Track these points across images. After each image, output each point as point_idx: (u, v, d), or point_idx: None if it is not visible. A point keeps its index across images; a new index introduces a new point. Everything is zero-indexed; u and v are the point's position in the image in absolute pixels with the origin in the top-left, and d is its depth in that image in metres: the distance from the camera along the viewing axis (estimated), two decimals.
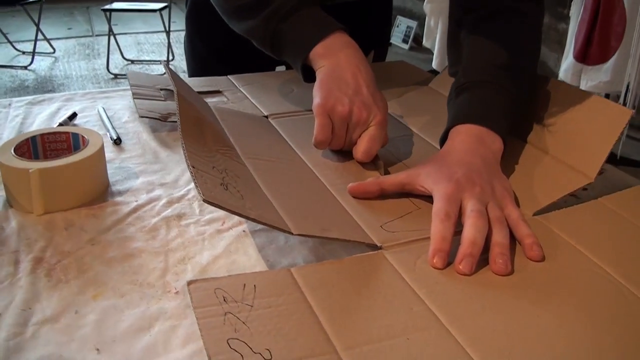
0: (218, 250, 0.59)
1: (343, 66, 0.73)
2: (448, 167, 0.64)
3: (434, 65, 3.16)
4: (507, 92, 0.74)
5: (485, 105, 0.73)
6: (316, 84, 0.74)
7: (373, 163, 0.74)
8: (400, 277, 0.54)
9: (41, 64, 4.28)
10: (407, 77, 1.10)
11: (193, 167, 0.55)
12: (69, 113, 0.91)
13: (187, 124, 0.63)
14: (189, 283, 0.50)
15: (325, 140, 0.71)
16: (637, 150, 2.70)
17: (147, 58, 4.44)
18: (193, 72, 1.26)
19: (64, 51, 4.57)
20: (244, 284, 0.51)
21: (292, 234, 0.54)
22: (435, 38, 3.24)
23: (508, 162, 0.72)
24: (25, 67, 4.21)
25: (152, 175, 0.75)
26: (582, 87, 2.36)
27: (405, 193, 0.67)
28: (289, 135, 0.82)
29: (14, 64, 4.22)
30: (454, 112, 0.75)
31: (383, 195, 0.66)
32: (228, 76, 1.08)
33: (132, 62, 4.36)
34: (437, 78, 1.01)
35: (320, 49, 0.76)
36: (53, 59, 4.46)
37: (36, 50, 4.25)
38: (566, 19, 2.75)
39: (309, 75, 0.78)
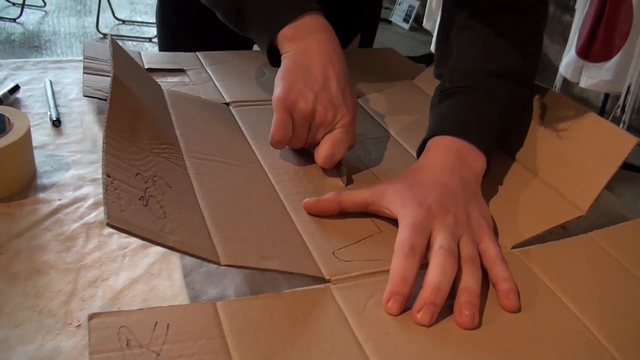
0: (138, 271, 0.51)
1: (312, 54, 0.64)
2: (420, 189, 0.55)
3: (433, 48, 3.04)
4: (496, 103, 0.65)
5: (469, 116, 0.64)
6: (279, 71, 0.64)
7: (336, 169, 0.66)
8: (345, 321, 0.45)
9: (30, 17, 4.13)
10: (393, 68, 1.00)
11: (108, 175, 0.46)
12: (12, 85, 0.81)
13: (116, 118, 0.54)
14: (91, 317, 0.42)
15: (282, 140, 0.62)
16: (637, 155, 2.62)
17: (139, 19, 4.28)
18: (163, 43, 1.16)
19: (55, 5, 4.41)
20: (156, 322, 0.43)
21: (220, 264, 0.46)
22: (436, 20, 3.12)
23: (490, 180, 0.63)
24: (14, 20, 4.07)
25: (85, 168, 0.65)
26: (582, 84, 2.27)
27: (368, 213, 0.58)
28: (248, 129, 0.72)
29: (2, 16, 4.08)
30: (434, 121, 0.66)
31: (342, 213, 0.58)
32: (197, 53, 0.98)
33: (124, 22, 4.20)
34: (423, 74, 0.92)
35: (289, 30, 0.65)
36: (43, 12, 4.30)
37: (26, 3, 4.10)
38: (571, 10, 2.65)
39: (277, 59, 0.68)
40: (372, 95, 0.87)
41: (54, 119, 0.74)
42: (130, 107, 0.58)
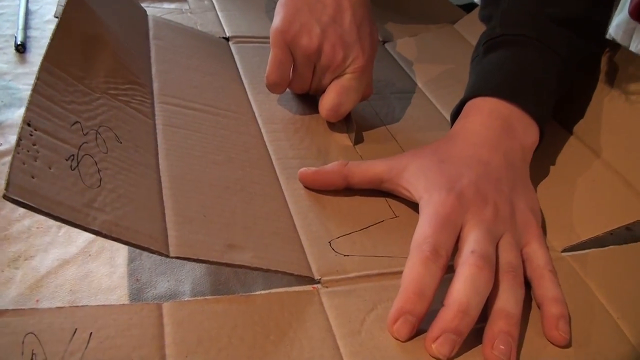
0: (72, 249, 0.39)
1: None
2: (451, 167, 0.42)
3: None
4: (557, 58, 0.51)
5: (523, 73, 0.50)
6: None
7: (343, 123, 0.53)
8: (334, 344, 0.33)
9: None
10: (430, 9, 0.85)
11: (28, 124, 0.33)
12: None
13: (62, 45, 0.41)
14: None
15: (279, 82, 0.51)
16: None
17: None
18: None
19: None
20: (75, 329, 0.31)
21: (168, 256, 0.33)
22: None
23: (539, 159, 0.49)
24: None
25: None
26: (632, 48, 2.05)
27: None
28: (247, 71, 0.59)
29: None
30: (477, 77, 0.52)
31: (349, 189, 0.45)
32: None
33: None
34: (467, 18, 0.77)
35: None
36: None
37: None
38: None
39: None
40: (402, 40, 0.72)
41: (19, 43, 0.62)
42: (86, 32, 0.45)
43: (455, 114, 0.50)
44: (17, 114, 0.52)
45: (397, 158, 0.45)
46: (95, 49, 0.45)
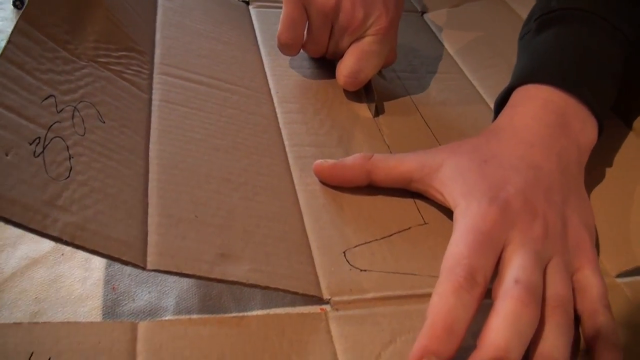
0: (44, 245, 0.33)
1: None
2: (495, 169, 0.35)
3: None
4: (625, 40, 0.43)
5: (584, 57, 0.42)
6: None
7: (363, 92, 0.48)
8: None
9: None
10: None
11: None
12: None
13: (46, 0, 0.35)
14: None
15: (291, 44, 0.46)
16: None
17: None
18: None
19: None
20: (32, 353, 0.26)
21: (144, 268, 0.27)
22: None
23: (592, 161, 0.42)
24: None
25: None
26: None
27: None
28: (266, 39, 0.53)
29: None
30: (528, 60, 0.44)
31: (372, 186, 0.39)
32: None
33: None
34: None
35: None
36: None
37: None
38: None
39: None
40: (442, 12, 0.65)
41: None
42: None
43: (501, 103, 0.43)
44: None
45: (431, 153, 0.38)
46: (87, 8, 0.38)
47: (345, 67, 0.46)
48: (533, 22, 0.47)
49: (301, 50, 0.48)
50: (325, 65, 0.50)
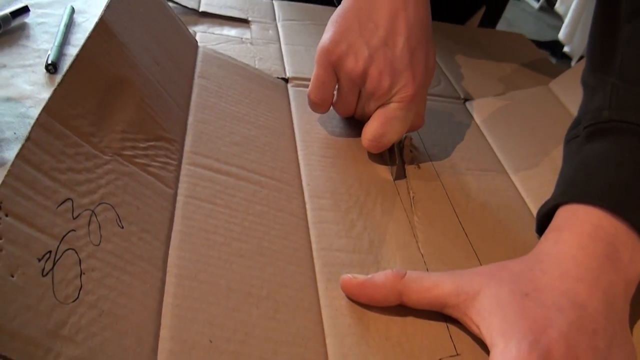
0: None
1: None
2: (537, 306, 0.32)
3: (561, 35, 2.70)
4: None
5: (638, 178, 0.39)
6: (334, 13, 0.47)
7: (386, 154, 0.49)
8: None
9: None
10: (520, 62, 0.75)
11: (0, 204, 0.25)
12: (20, 6, 0.62)
13: (75, 88, 0.33)
14: None
15: (320, 104, 0.48)
16: None
17: None
18: None
19: None
20: None
21: None
22: (571, 5, 2.74)
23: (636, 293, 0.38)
24: None
25: None
26: None
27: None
28: (303, 122, 0.51)
29: None
30: (576, 173, 0.42)
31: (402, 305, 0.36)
32: (273, 0, 0.76)
33: None
34: (566, 75, 0.66)
35: None
36: None
37: None
38: None
39: None
40: (485, 100, 0.62)
41: (50, 62, 0.55)
42: (108, 73, 0.37)
43: (545, 216, 0.41)
44: None
45: (468, 277, 0.35)
46: (116, 96, 0.37)
47: (369, 131, 0.47)
48: (582, 129, 0.45)
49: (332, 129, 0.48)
50: (369, 165, 0.48)
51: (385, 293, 0.35)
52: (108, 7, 0.39)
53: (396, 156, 0.48)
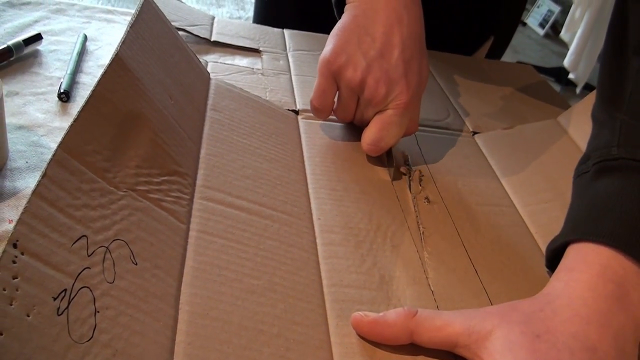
0: None
1: (377, 10, 0.50)
2: (549, 348, 0.32)
3: (566, 63, 2.71)
4: None
5: None
6: (335, 27, 0.52)
7: (384, 157, 0.53)
8: None
9: None
10: (527, 94, 0.76)
11: (14, 245, 0.26)
12: (33, 33, 0.63)
13: (88, 126, 0.34)
14: None
15: (322, 110, 0.53)
16: None
17: None
18: (259, 4, 0.96)
19: None
20: None
21: None
22: (577, 33, 2.75)
23: None
24: None
25: None
26: None
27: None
28: (313, 155, 0.51)
29: None
30: (585, 210, 0.42)
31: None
32: (284, 30, 0.77)
33: None
34: (575, 109, 0.66)
35: None
36: None
37: None
38: None
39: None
40: (493, 133, 0.63)
41: (62, 90, 0.55)
42: (123, 108, 0.37)
43: (554, 254, 0.41)
44: None
45: (480, 316, 0.35)
46: (130, 131, 0.37)
47: (368, 136, 0.51)
48: (591, 165, 0.45)
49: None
50: (379, 194, 0.48)
51: (396, 331, 0.35)
52: (124, 43, 0.39)
53: (393, 158, 0.53)
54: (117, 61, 0.38)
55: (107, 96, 0.36)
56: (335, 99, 0.53)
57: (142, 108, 0.39)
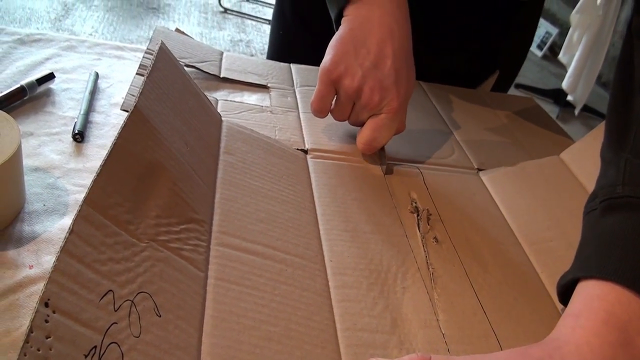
0: None
1: (372, 24, 0.56)
2: None
3: (565, 85, 2.72)
4: None
5: None
6: (333, 38, 0.57)
7: (377, 155, 0.61)
8: None
9: None
10: (532, 129, 0.77)
11: (46, 304, 0.27)
12: (46, 72, 0.64)
13: (112, 179, 0.35)
14: None
15: (321, 111, 0.59)
16: None
17: None
18: (273, 39, 0.97)
19: None
20: None
21: None
22: (574, 55, 2.78)
23: None
24: None
25: None
26: None
27: None
28: (322, 195, 0.52)
29: None
30: (591, 249, 0.43)
31: None
32: (291, 65, 0.78)
33: None
34: (579, 146, 0.67)
35: None
36: None
37: None
38: None
39: None
40: (498, 170, 0.64)
41: (77, 131, 0.56)
42: (143, 159, 0.38)
43: (564, 289, 0.42)
44: (58, 225, 0.46)
45: None
46: (150, 181, 0.38)
47: (363, 137, 0.58)
48: (599, 203, 0.46)
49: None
50: (390, 226, 0.49)
51: None
52: (142, 94, 0.40)
53: (385, 156, 0.59)
54: (136, 113, 0.39)
55: (128, 148, 0.37)
56: (333, 102, 0.58)
57: (161, 158, 0.40)
